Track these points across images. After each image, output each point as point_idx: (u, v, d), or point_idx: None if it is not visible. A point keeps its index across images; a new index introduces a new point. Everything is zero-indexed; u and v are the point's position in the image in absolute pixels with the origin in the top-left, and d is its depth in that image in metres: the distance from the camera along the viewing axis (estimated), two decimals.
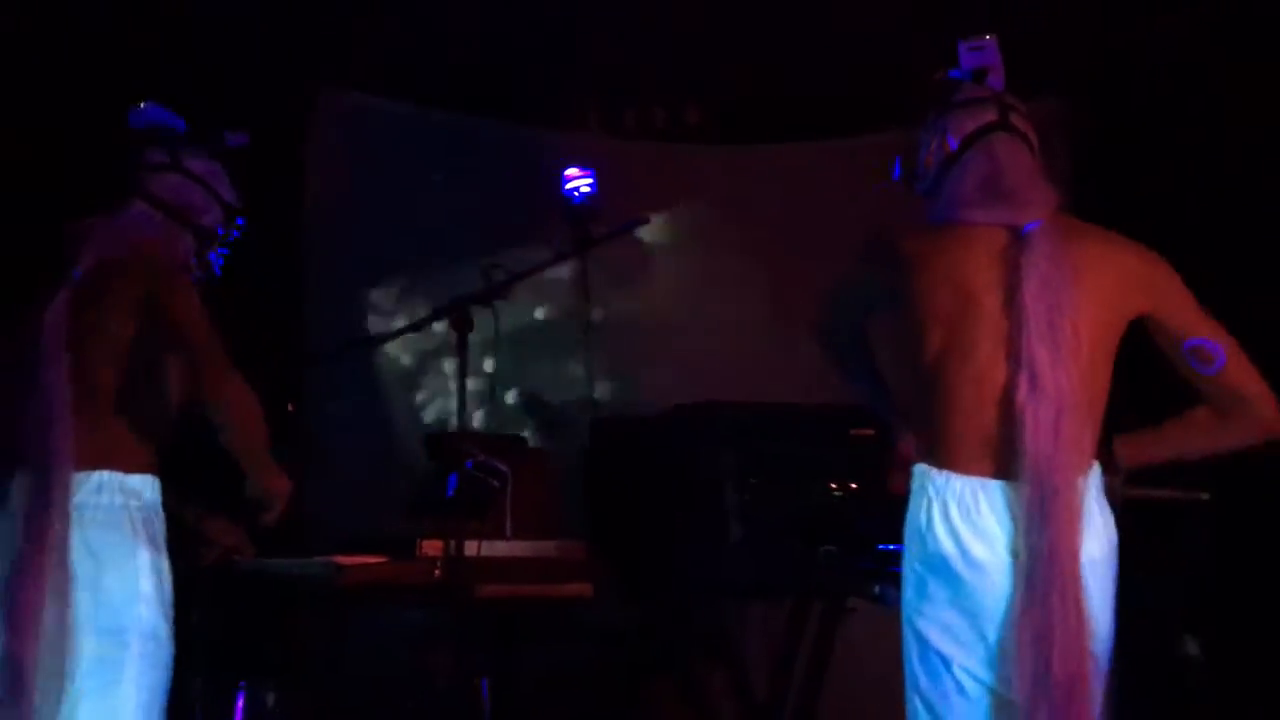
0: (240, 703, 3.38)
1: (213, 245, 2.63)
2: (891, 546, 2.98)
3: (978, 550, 1.99)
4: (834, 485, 3.11)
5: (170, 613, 2.43)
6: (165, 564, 2.43)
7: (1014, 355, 1.98)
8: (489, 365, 3.64)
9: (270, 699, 3.37)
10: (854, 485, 3.11)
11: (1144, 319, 2.09)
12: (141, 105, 2.63)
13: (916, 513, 2.07)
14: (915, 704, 2.06)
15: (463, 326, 2.90)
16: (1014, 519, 1.98)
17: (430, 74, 4.52)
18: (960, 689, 2.01)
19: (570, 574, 3.21)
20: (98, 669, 2.32)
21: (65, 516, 2.30)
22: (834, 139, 4.83)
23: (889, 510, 3.10)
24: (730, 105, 4.93)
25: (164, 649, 2.42)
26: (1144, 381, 2.15)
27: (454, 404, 2.91)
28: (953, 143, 2.19)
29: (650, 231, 3.11)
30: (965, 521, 2.00)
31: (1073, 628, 1.92)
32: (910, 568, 2.08)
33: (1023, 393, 1.96)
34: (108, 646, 2.33)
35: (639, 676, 3.87)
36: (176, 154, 2.60)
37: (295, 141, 4.45)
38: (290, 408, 3.89)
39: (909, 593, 2.07)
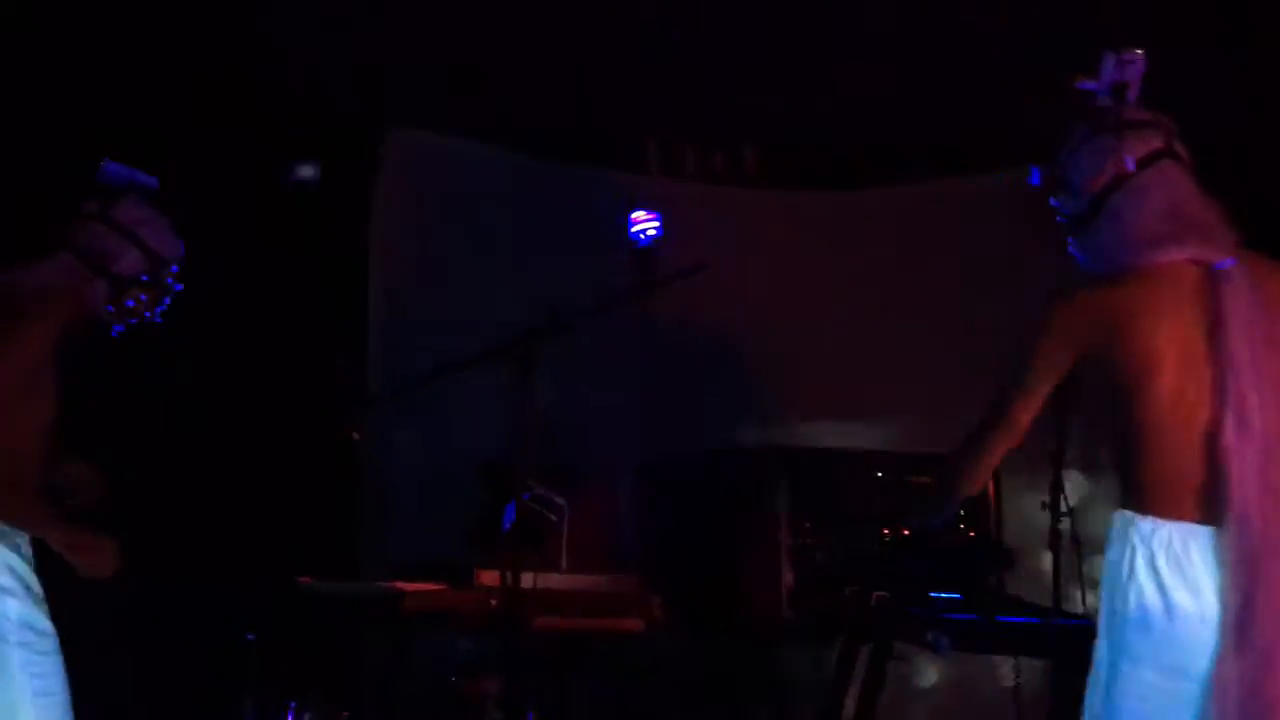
0: None
1: (130, 292, 2.65)
2: (943, 594, 3.02)
3: (1183, 600, 1.90)
4: (887, 531, 3.13)
5: (41, 599, 2.45)
6: (16, 558, 2.44)
7: (1220, 397, 1.91)
8: (549, 399, 3.70)
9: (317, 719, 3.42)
10: (906, 532, 3.13)
11: None
12: (103, 164, 2.70)
13: (1119, 563, 1.97)
14: None
15: (525, 361, 2.95)
16: (1210, 567, 1.89)
17: (496, 115, 4.60)
18: None
19: (623, 608, 3.24)
20: None
21: None
22: (889, 186, 4.86)
23: (940, 558, 3.15)
24: (787, 150, 4.98)
25: (46, 637, 2.44)
26: None
27: (513, 437, 2.95)
28: (1130, 164, 2.07)
29: (710, 273, 3.15)
30: (1173, 570, 1.91)
31: None
32: (1109, 623, 1.97)
33: (1230, 435, 1.89)
34: None
35: (688, 713, 3.88)
36: (107, 203, 2.66)
37: (365, 177, 4.55)
38: (356, 436, 3.96)
39: (1104, 652, 1.97)
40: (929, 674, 4.29)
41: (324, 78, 4.31)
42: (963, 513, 3.06)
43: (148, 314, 2.70)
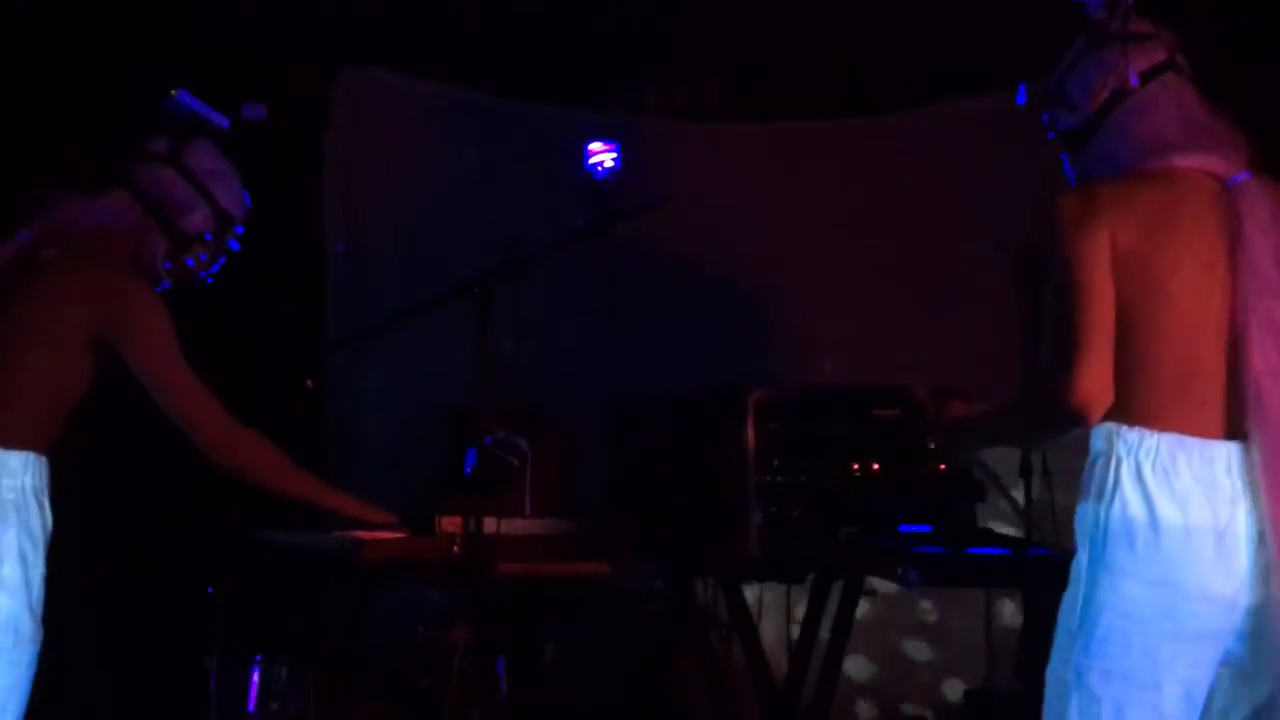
0: (255, 676, 3.38)
1: (193, 250, 2.44)
2: (914, 527, 2.99)
3: (1169, 513, 1.85)
4: (855, 466, 3.09)
5: (37, 609, 2.20)
6: (36, 553, 2.20)
7: (1244, 315, 1.86)
8: (510, 342, 3.64)
9: (283, 672, 3.38)
10: (875, 466, 3.09)
11: None
12: (174, 93, 2.46)
13: (1103, 474, 1.90)
14: (1069, 689, 1.89)
15: (484, 302, 2.89)
16: (1227, 483, 1.85)
17: (452, 51, 4.50)
18: (1129, 673, 1.86)
19: (589, 552, 3.19)
20: None
21: None
22: (855, 118, 4.79)
23: (910, 492, 3.12)
24: (751, 83, 4.90)
25: (24, 647, 2.18)
26: None
27: (474, 381, 2.89)
28: (1134, 78, 2.01)
29: (673, 209, 3.09)
30: (1160, 482, 1.86)
31: None
32: (1086, 535, 1.92)
33: (1261, 356, 1.83)
34: None
35: (658, 656, 3.86)
36: (178, 147, 2.42)
37: (316, 117, 4.44)
38: (309, 384, 3.89)
39: (1084, 562, 1.91)
40: (904, 608, 4.30)
41: (273, 14, 4.19)
42: (932, 446, 3.02)
43: (203, 274, 2.49)
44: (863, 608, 3.45)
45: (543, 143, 4.54)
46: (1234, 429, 1.89)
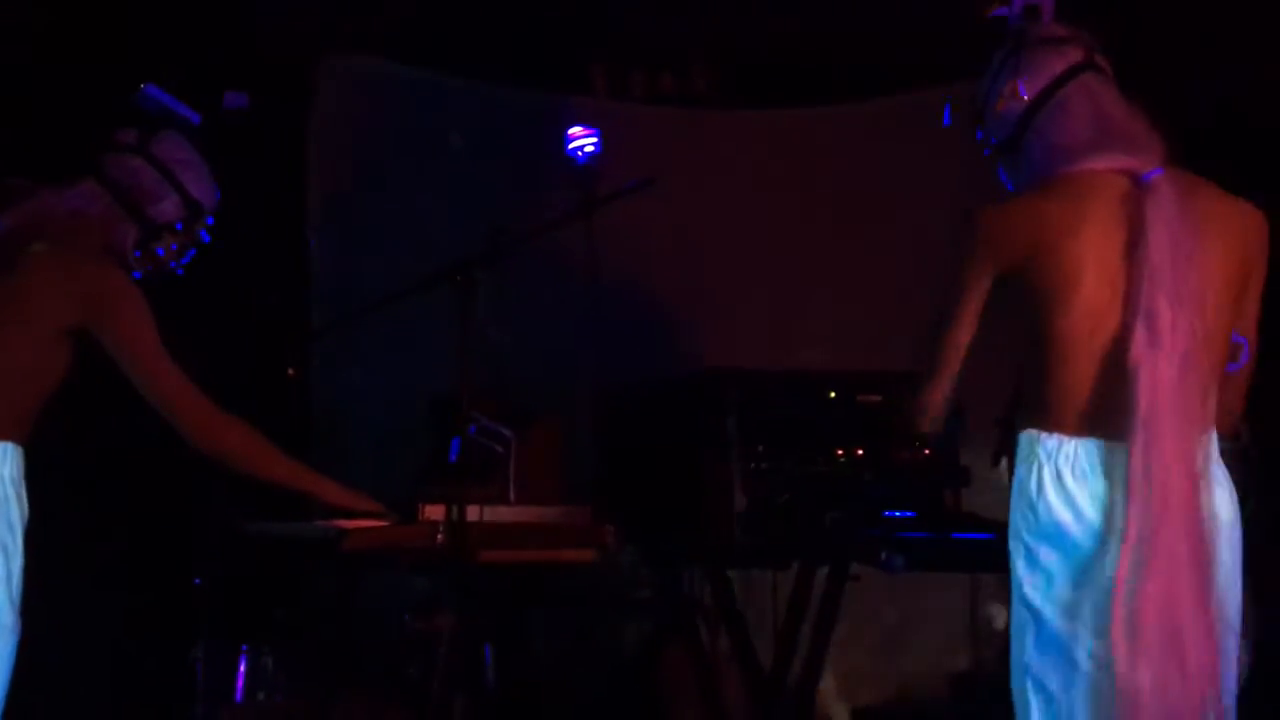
0: (242, 666, 3.38)
1: (163, 240, 2.45)
2: (898, 513, 2.99)
3: (1093, 515, 1.88)
4: (840, 451, 3.09)
5: (17, 599, 2.20)
6: (15, 543, 2.20)
7: (1132, 307, 1.85)
8: (494, 329, 3.61)
9: (270, 662, 3.38)
10: (860, 451, 3.09)
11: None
12: (144, 88, 2.49)
13: (1026, 480, 1.93)
14: (1028, 692, 1.91)
15: (467, 289, 2.87)
16: (1111, 481, 1.86)
17: (434, 37, 4.47)
18: (1083, 674, 1.87)
19: (574, 540, 3.18)
20: None
21: None
22: (841, 104, 4.78)
23: (895, 477, 3.12)
24: (738, 70, 4.88)
25: (4, 638, 2.18)
26: None
27: (458, 368, 2.87)
28: (1041, 85, 2.03)
29: (657, 195, 3.07)
30: (1080, 485, 1.88)
31: (1202, 597, 1.80)
32: (1019, 540, 1.94)
33: (1139, 345, 1.82)
34: None
35: (644, 643, 3.86)
36: (146, 137, 2.45)
37: (298, 105, 4.42)
38: (291, 373, 3.88)
39: (1020, 568, 1.93)
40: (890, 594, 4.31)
41: (254, 1, 4.16)
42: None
43: (173, 264, 2.50)
44: (848, 593, 3.45)
45: (527, 129, 4.52)
46: None
